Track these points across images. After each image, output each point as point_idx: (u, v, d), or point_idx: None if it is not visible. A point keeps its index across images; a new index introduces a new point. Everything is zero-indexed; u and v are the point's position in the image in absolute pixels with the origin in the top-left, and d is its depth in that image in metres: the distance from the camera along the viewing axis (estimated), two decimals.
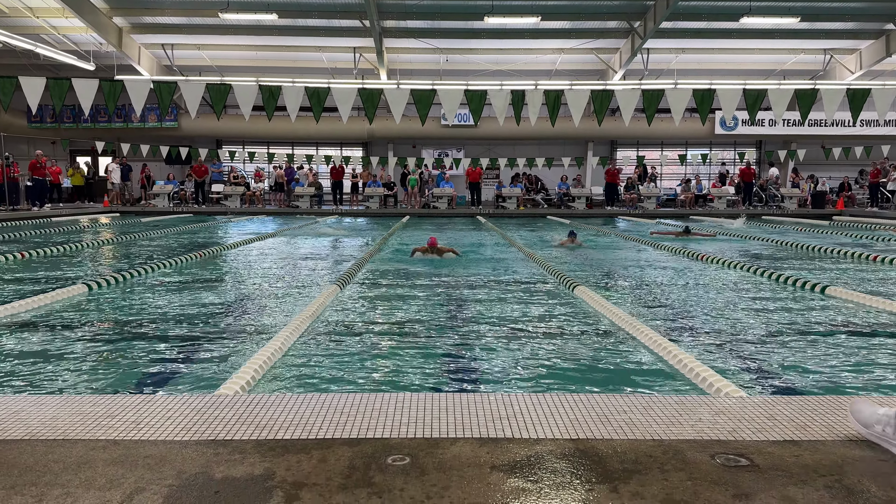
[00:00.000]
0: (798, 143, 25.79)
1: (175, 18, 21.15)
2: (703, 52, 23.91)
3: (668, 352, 3.74)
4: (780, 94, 13.25)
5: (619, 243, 11.68)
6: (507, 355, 3.95)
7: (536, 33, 21.99)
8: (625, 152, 27.70)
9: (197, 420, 2.27)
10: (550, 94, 14.41)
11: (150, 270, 7.37)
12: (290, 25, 21.37)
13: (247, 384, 3.10)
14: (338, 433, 2.16)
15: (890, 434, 2.08)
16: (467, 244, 10.94)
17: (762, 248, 10.63)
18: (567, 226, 15.53)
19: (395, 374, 3.58)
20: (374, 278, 7.10)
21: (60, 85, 12.36)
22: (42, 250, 9.15)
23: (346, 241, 12.04)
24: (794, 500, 1.72)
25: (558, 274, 6.95)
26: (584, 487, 1.78)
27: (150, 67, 23.89)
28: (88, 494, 1.73)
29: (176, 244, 11.06)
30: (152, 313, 5.16)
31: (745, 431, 2.19)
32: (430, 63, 24.81)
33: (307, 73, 24.88)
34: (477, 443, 2.08)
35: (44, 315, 5.02)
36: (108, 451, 2.00)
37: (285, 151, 26.48)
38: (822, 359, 3.94)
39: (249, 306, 5.55)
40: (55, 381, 3.43)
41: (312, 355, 3.90)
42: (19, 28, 20.56)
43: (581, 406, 2.41)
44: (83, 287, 6.05)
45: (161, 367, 3.73)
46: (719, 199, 23.62)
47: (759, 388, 3.37)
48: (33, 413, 2.33)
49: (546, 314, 5.16)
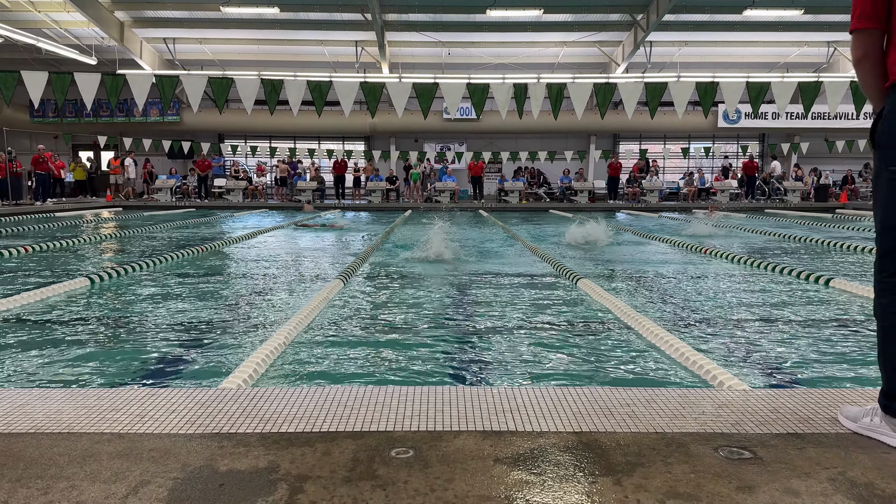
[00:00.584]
0: (801, 136, 25.71)
1: (176, 12, 21.11)
2: (707, 45, 23.82)
3: (671, 345, 3.74)
4: (783, 86, 13.22)
5: (623, 237, 11.66)
6: (510, 348, 3.95)
7: (539, 26, 21.92)
8: (627, 146, 27.63)
9: (201, 413, 2.28)
10: (553, 88, 14.38)
11: (152, 264, 7.38)
12: (292, 19, 21.33)
13: (251, 378, 3.10)
14: (342, 426, 2.16)
15: (877, 423, 2.09)
16: (470, 238, 10.94)
17: (766, 242, 10.61)
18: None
19: (399, 367, 3.58)
20: (377, 272, 7.10)
21: (62, 79, 12.37)
22: (47, 244, 9.17)
23: (349, 236, 12.04)
24: (797, 492, 1.72)
25: (561, 267, 6.95)
26: (587, 480, 1.78)
27: (151, 62, 23.87)
28: (94, 487, 1.74)
29: (179, 238, 11.07)
30: (156, 307, 5.17)
31: (748, 424, 2.19)
32: (432, 57, 24.75)
33: (309, 66, 24.85)
34: (480, 436, 2.08)
35: (48, 309, 5.03)
36: (112, 445, 2.01)
37: (287, 146, 26.48)
38: (825, 352, 3.93)
39: (253, 300, 5.56)
40: (60, 375, 3.44)
41: (316, 349, 3.91)
42: (21, 22, 20.55)
43: (584, 399, 2.42)
44: (85, 280, 6.07)
45: (165, 360, 3.74)
46: (722, 192, 23.57)
47: (763, 382, 3.37)
48: (38, 406, 2.34)
49: (549, 307, 5.16)
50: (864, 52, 2.07)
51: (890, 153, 2.00)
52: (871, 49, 2.06)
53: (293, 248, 9.84)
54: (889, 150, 2.00)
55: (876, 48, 2.06)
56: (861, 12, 2.04)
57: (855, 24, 2.07)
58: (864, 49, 2.07)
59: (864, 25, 2.05)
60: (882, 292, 2.07)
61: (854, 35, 2.09)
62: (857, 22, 2.06)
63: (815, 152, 25.01)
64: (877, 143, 2.06)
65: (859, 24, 2.06)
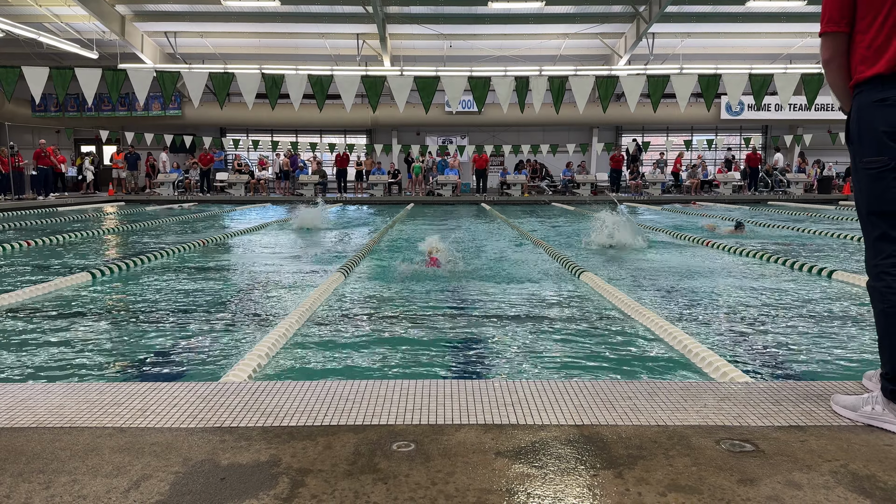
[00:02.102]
0: (804, 128, 25.63)
1: (177, 6, 21.07)
2: (709, 37, 23.72)
3: (674, 337, 3.74)
4: (786, 78, 13.17)
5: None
6: (512, 341, 3.95)
7: (540, 18, 21.84)
8: (630, 138, 27.56)
9: (203, 407, 2.28)
10: (555, 81, 14.34)
11: (154, 258, 7.39)
12: (293, 12, 21.28)
13: (252, 372, 3.11)
14: (343, 420, 2.17)
15: (879, 412, 2.10)
16: (474, 232, 10.93)
17: (768, 234, 10.58)
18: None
19: (400, 360, 3.58)
20: (377, 265, 7.10)
21: (63, 74, 12.36)
22: (51, 238, 9.18)
23: (350, 229, 12.04)
24: (799, 485, 1.72)
25: (563, 260, 6.94)
26: (588, 473, 1.78)
27: (153, 56, 23.84)
28: (95, 481, 1.74)
29: (181, 232, 11.08)
30: (156, 302, 5.18)
31: (750, 417, 2.19)
32: (433, 49, 24.68)
33: (310, 60, 24.80)
34: (482, 429, 2.08)
35: (49, 303, 5.04)
36: (114, 439, 2.01)
37: (289, 139, 26.45)
38: (828, 344, 3.93)
39: (254, 293, 5.56)
40: (61, 370, 3.45)
41: (317, 342, 3.91)
42: (22, 17, 20.52)
43: (586, 392, 2.42)
44: (87, 275, 6.08)
45: (166, 354, 3.75)
46: (725, 184, 23.52)
47: (765, 374, 3.37)
48: (40, 401, 2.34)
49: (551, 300, 5.15)
50: (832, 54, 2.20)
51: (861, 148, 2.12)
52: (837, 52, 2.19)
53: (293, 241, 9.84)
54: (860, 146, 2.12)
55: (842, 51, 2.18)
56: (829, 17, 2.17)
57: (823, 28, 2.20)
58: (831, 51, 2.20)
59: (832, 29, 2.17)
60: (879, 276, 2.12)
61: (822, 38, 2.21)
62: (826, 26, 2.18)
63: (818, 144, 24.93)
64: (850, 139, 2.18)
65: (827, 27, 2.18)
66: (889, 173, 2.05)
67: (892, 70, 2.04)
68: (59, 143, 25.01)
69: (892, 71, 2.04)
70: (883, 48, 2.05)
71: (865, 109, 2.10)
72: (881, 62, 2.05)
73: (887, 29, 2.05)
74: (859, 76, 2.12)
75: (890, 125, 2.03)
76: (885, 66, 2.04)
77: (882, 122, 2.04)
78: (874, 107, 2.07)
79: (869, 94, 2.09)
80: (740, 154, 26.77)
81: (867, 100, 2.09)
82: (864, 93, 2.11)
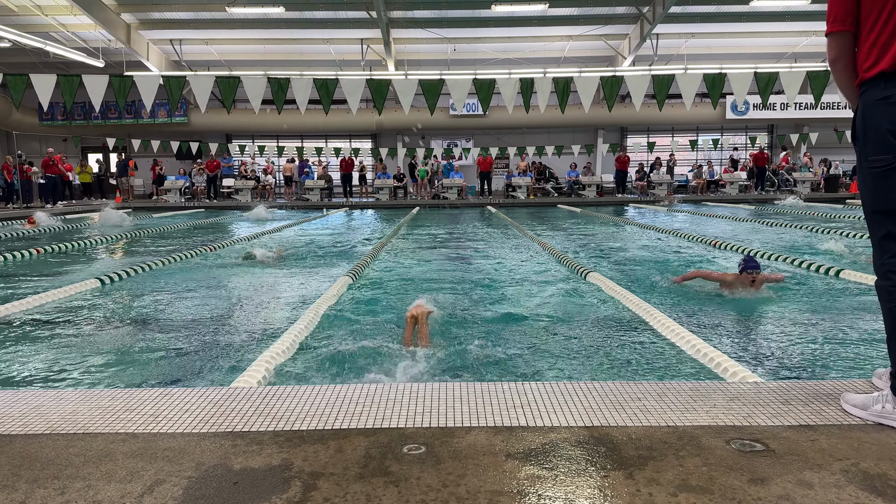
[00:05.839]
0: (811, 127, 25.50)
1: (182, 14, 21.18)
2: (714, 37, 23.66)
3: (682, 338, 3.74)
4: (792, 76, 13.13)
5: (629, 229, 11.63)
6: (521, 343, 3.95)
7: (544, 20, 21.84)
8: (635, 139, 27.49)
9: (214, 412, 2.29)
10: (559, 82, 14.32)
11: (161, 265, 7.42)
12: (297, 18, 21.36)
13: (263, 377, 3.12)
14: (354, 423, 2.18)
15: (890, 410, 2.09)
16: (481, 234, 10.92)
17: (775, 233, 10.55)
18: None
19: (409, 363, 3.59)
20: (384, 269, 7.11)
21: (70, 82, 12.43)
22: (58, 246, 9.23)
23: (357, 233, 12.06)
24: (810, 484, 1.72)
25: (569, 262, 6.94)
26: (599, 474, 1.78)
27: (158, 63, 23.96)
28: (110, 487, 1.76)
29: (189, 238, 11.12)
30: (166, 308, 5.20)
31: (760, 417, 2.18)
32: (437, 53, 24.72)
33: (315, 65, 24.88)
34: (491, 431, 2.09)
35: (59, 310, 5.07)
36: (127, 444, 2.03)
37: (295, 144, 26.52)
38: (837, 343, 3.91)
39: (263, 299, 5.58)
40: (74, 376, 3.47)
41: (327, 347, 3.92)
42: (29, 26, 20.66)
43: (595, 393, 2.42)
44: (96, 282, 6.11)
45: (178, 360, 3.77)
46: (731, 184, 23.43)
47: (774, 374, 3.36)
48: (53, 408, 2.36)
49: (559, 301, 5.15)
50: (837, 53, 2.20)
51: (866, 146, 2.11)
52: (843, 51, 2.19)
53: (301, 246, 9.87)
54: (865, 144, 2.12)
55: (848, 50, 2.18)
56: (834, 17, 2.17)
57: (829, 28, 2.20)
58: (837, 51, 2.20)
59: (837, 28, 2.17)
60: (886, 274, 2.12)
61: (829, 38, 2.21)
62: (831, 25, 2.19)
63: (824, 142, 24.80)
64: (855, 138, 2.18)
65: (833, 27, 2.18)
66: (894, 172, 2.04)
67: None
68: (66, 151, 25.15)
69: (895, 69, 2.03)
70: (886, 46, 2.05)
71: (870, 107, 2.09)
72: (884, 60, 2.05)
73: (890, 27, 2.04)
74: (864, 75, 2.12)
75: (894, 123, 2.02)
76: (888, 63, 2.04)
77: (886, 120, 2.04)
78: (878, 105, 2.07)
79: (873, 92, 2.09)
80: (746, 153, 26.64)
81: (871, 98, 2.09)
82: (869, 91, 2.11)
